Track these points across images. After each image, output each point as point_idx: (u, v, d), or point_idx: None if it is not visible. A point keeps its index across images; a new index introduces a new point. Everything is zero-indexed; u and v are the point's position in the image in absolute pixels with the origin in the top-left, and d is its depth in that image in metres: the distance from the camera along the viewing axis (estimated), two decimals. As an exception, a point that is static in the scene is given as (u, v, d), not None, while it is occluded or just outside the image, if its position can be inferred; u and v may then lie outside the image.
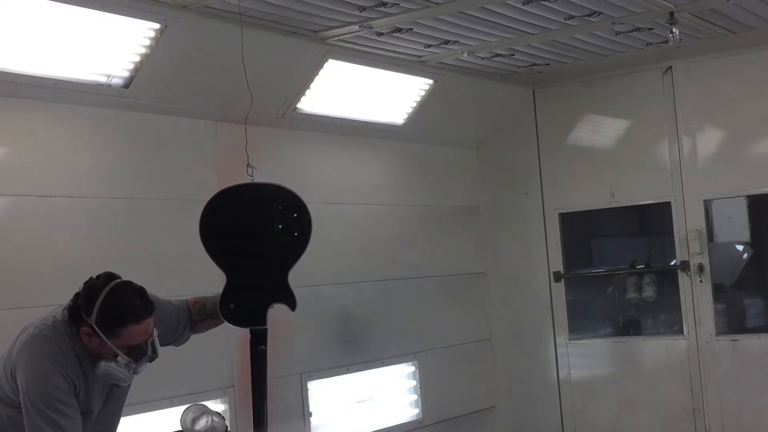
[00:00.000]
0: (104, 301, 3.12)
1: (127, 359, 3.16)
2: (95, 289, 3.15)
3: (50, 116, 4.57)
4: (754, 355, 6.40)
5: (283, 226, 3.57)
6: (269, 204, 3.61)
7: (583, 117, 7.08)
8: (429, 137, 6.79)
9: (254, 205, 3.62)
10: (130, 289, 3.19)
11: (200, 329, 3.68)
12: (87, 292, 3.16)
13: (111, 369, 3.15)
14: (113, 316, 3.12)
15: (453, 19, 5.08)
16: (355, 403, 6.15)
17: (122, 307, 3.13)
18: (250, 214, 3.60)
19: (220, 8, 4.58)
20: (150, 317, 3.19)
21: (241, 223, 3.58)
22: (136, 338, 3.16)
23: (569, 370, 7.06)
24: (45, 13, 4.15)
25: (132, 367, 3.19)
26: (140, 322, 3.15)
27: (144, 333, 3.18)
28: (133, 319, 3.13)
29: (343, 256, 6.07)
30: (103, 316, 3.11)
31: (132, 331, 3.14)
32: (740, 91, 6.43)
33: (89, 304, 3.12)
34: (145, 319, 3.17)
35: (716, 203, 6.60)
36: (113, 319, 3.12)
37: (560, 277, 7.08)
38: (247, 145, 4.14)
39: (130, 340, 3.15)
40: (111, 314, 3.11)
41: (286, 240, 3.56)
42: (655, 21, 5.41)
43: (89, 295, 3.14)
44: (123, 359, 3.15)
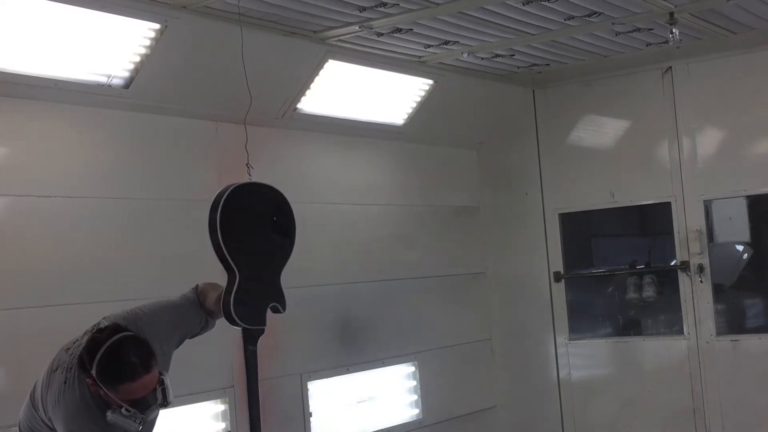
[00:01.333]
0: (102, 356, 3.15)
1: (131, 410, 3.19)
2: (97, 343, 3.19)
3: (50, 116, 4.57)
4: (754, 355, 6.40)
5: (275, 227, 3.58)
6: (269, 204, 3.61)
7: (583, 117, 7.09)
8: (429, 137, 6.79)
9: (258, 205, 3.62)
10: (129, 345, 3.21)
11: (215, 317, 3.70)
12: (89, 345, 3.21)
13: (117, 419, 3.19)
14: (110, 374, 3.16)
15: (453, 19, 5.09)
16: (355, 404, 6.14)
17: (118, 364, 3.16)
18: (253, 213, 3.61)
19: (220, 8, 4.58)
20: (149, 374, 3.20)
21: (247, 222, 3.59)
22: (135, 394, 3.19)
23: (569, 370, 7.06)
24: (45, 13, 4.15)
25: (138, 417, 3.21)
26: (136, 380, 3.17)
27: (143, 389, 3.20)
28: (129, 377, 3.16)
29: (343, 256, 6.07)
30: (100, 371, 3.15)
31: (129, 388, 3.17)
32: (740, 91, 6.43)
33: (90, 357, 3.17)
34: (141, 376, 3.18)
35: (716, 203, 6.60)
36: (110, 377, 3.16)
37: (560, 277, 7.09)
38: (247, 145, 4.15)
39: (129, 395, 3.18)
40: (107, 371, 3.16)
41: (279, 241, 3.56)
42: (655, 21, 5.41)
43: (91, 349, 3.19)
44: (127, 411, 3.18)
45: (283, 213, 3.60)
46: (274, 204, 3.61)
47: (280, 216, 3.61)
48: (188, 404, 4.99)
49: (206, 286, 3.66)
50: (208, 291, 3.64)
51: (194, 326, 3.60)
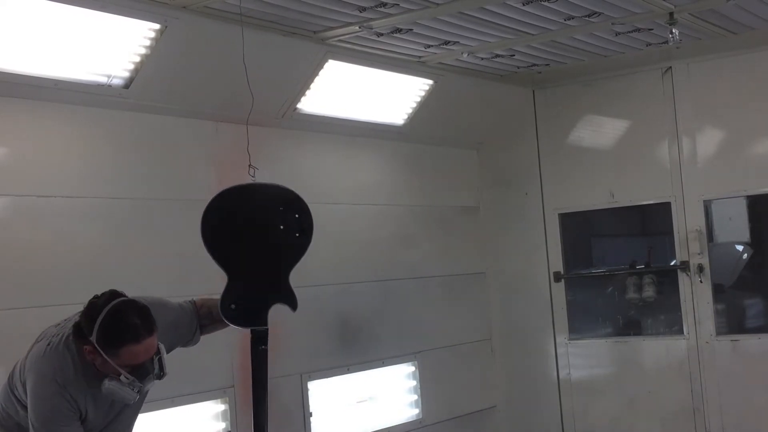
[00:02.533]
0: (104, 320, 3.09)
1: (130, 378, 3.13)
2: (96, 307, 3.13)
3: (50, 116, 4.57)
4: (754, 355, 6.40)
5: (284, 227, 3.57)
6: (270, 204, 3.61)
7: (583, 117, 7.09)
8: (429, 137, 6.79)
9: (255, 206, 3.62)
10: (131, 307, 3.16)
11: (207, 331, 3.67)
12: (88, 310, 3.15)
13: (114, 388, 3.13)
14: (112, 336, 3.09)
15: (453, 19, 5.09)
16: (355, 403, 6.15)
17: (121, 326, 3.10)
18: (251, 215, 3.60)
19: (220, 9, 4.58)
20: (151, 336, 3.15)
21: (242, 224, 3.58)
22: (137, 358, 3.13)
23: (569, 370, 7.06)
24: (45, 13, 4.15)
25: (136, 386, 3.15)
26: (139, 342, 3.11)
27: (144, 352, 3.14)
28: (132, 339, 3.10)
29: (343, 256, 6.07)
30: (102, 335, 3.08)
31: (131, 350, 3.11)
32: (740, 91, 6.43)
33: (90, 323, 3.11)
34: (144, 339, 3.12)
35: (716, 203, 6.60)
36: (112, 339, 3.09)
37: (560, 277, 7.09)
38: (248, 145, 4.15)
39: (131, 359, 3.12)
40: (110, 334, 3.09)
41: (287, 240, 3.56)
42: (654, 21, 5.41)
43: (90, 314, 3.13)
44: (126, 378, 3.12)
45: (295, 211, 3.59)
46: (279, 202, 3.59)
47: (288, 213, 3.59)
48: (188, 404, 4.99)
49: (204, 299, 3.65)
50: (205, 302, 3.63)
51: (187, 333, 3.55)
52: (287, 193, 3.60)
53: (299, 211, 3.57)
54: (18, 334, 4.28)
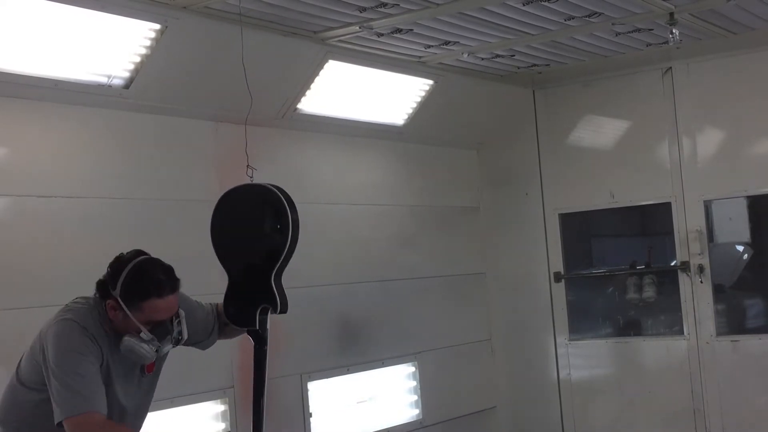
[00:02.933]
0: (128, 273, 3.13)
1: (150, 336, 3.13)
2: (122, 262, 3.18)
3: (50, 116, 4.57)
4: (754, 355, 6.40)
5: (266, 228, 3.54)
6: (251, 205, 3.59)
7: (583, 117, 7.09)
8: (429, 138, 6.79)
9: (239, 207, 3.61)
10: (156, 264, 3.20)
11: (230, 333, 3.66)
12: (114, 265, 3.19)
13: (133, 344, 3.12)
14: (136, 289, 3.12)
15: (453, 19, 5.09)
16: (355, 404, 6.15)
17: (145, 280, 3.13)
18: (236, 216, 3.60)
19: (220, 9, 4.58)
20: (174, 294, 3.18)
21: (229, 225, 3.59)
22: (159, 314, 3.15)
23: (569, 371, 7.06)
24: (45, 13, 4.15)
25: (155, 344, 3.15)
26: (162, 297, 3.14)
27: (167, 309, 3.17)
28: (156, 293, 3.12)
29: (343, 257, 6.07)
30: (126, 289, 3.11)
31: (154, 305, 3.13)
32: (740, 91, 6.43)
33: (115, 277, 3.14)
34: (167, 294, 3.15)
35: (716, 204, 6.60)
36: (135, 292, 3.11)
37: (560, 277, 7.09)
38: (248, 146, 4.14)
39: (153, 315, 3.13)
40: (134, 287, 3.12)
41: (267, 240, 3.53)
42: (655, 21, 5.41)
43: (115, 268, 3.17)
44: (146, 335, 3.12)
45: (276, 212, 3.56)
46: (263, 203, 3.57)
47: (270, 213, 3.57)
48: (188, 404, 4.99)
49: None
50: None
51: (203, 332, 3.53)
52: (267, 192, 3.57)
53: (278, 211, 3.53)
54: (18, 334, 4.28)
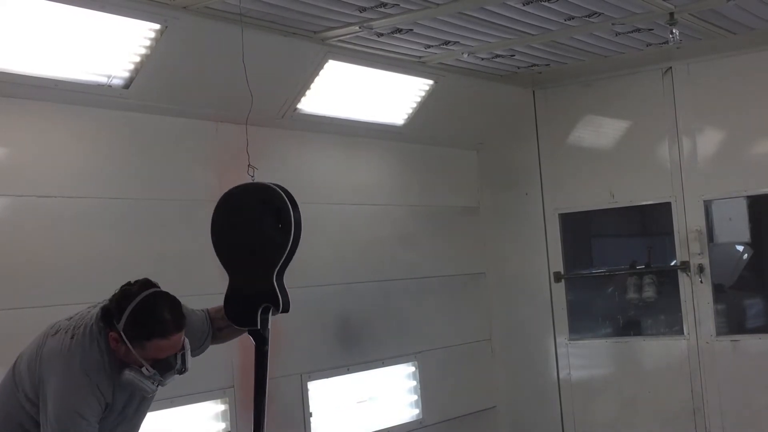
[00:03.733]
0: (134, 310, 3.07)
1: (152, 371, 3.10)
2: (128, 296, 3.10)
3: (50, 116, 4.57)
4: (754, 355, 6.40)
5: (267, 227, 3.53)
6: (250, 204, 3.58)
7: (583, 117, 7.09)
8: (429, 138, 6.79)
9: (237, 207, 3.60)
10: (163, 301, 3.13)
11: (225, 336, 3.62)
12: (120, 297, 3.12)
13: (135, 379, 3.09)
14: (140, 328, 3.06)
15: (453, 19, 5.09)
16: (355, 404, 6.15)
17: (151, 320, 3.07)
18: (242, 215, 3.59)
19: (220, 9, 4.58)
20: (179, 333, 3.13)
21: (228, 225, 3.58)
22: (163, 352, 3.10)
23: (569, 371, 7.06)
24: (45, 13, 4.15)
25: (157, 379, 3.12)
26: (167, 338, 3.09)
27: (171, 348, 3.12)
28: (160, 333, 3.08)
29: (343, 256, 6.07)
30: (131, 326, 3.06)
31: (158, 345, 3.08)
32: (740, 91, 6.43)
33: (120, 311, 3.07)
34: (173, 335, 3.10)
35: (716, 203, 6.60)
36: (140, 331, 3.06)
37: (560, 277, 7.09)
38: (247, 145, 4.14)
39: (156, 353, 3.09)
40: (138, 325, 3.06)
41: (272, 241, 3.52)
42: (655, 22, 5.41)
43: (121, 302, 3.10)
44: (148, 371, 3.09)
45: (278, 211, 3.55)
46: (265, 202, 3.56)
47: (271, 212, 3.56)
48: (188, 404, 4.99)
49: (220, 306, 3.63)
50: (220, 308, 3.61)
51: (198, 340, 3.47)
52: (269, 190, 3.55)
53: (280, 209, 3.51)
54: (18, 334, 4.28)
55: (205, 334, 3.51)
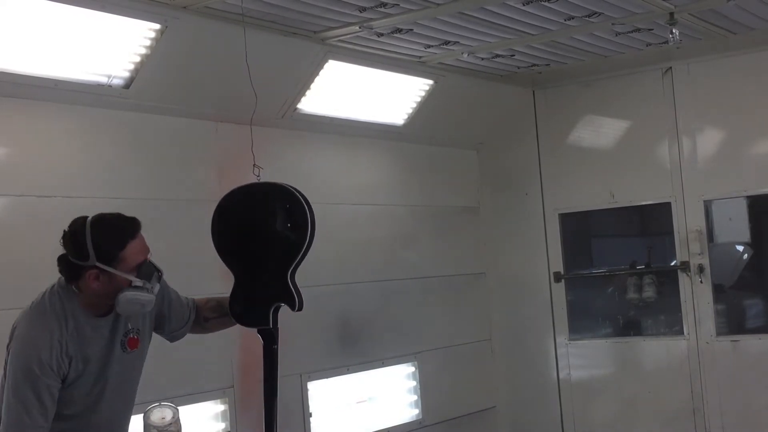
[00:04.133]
0: (93, 236, 3.08)
1: (141, 281, 3.13)
2: (77, 232, 3.11)
3: (50, 116, 4.57)
4: (754, 355, 6.40)
5: (280, 226, 3.55)
6: (270, 203, 3.60)
7: (583, 117, 7.09)
8: (429, 138, 6.79)
9: (251, 205, 3.61)
10: (107, 214, 3.17)
11: (212, 327, 3.67)
12: (71, 239, 3.12)
13: (131, 295, 3.10)
14: (110, 243, 3.09)
15: (453, 19, 5.09)
16: (355, 404, 6.15)
17: (113, 230, 3.12)
18: (253, 214, 3.59)
19: (220, 9, 4.58)
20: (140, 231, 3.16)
21: (240, 224, 3.58)
22: (141, 254, 3.15)
23: (569, 371, 7.06)
24: (45, 13, 4.15)
25: (148, 286, 3.15)
26: (136, 237, 3.14)
27: (143, 247, 3.17)
28: (129, 235, 3.12)
29: (343, 256, 6.07)
30: (100, 249, 3.08)
31: (133, 247, 3.12)
32: (740, 91, 6.43)
33: (81, 248, 3.08)
34: (138, 231, 3.15)
35: (716, 204, 6.60)
36: (112, 246, 3.09)
37: (560, 277, 7.08)
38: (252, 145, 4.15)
39: (136, 257, 3.13)
40: (107, 242, 3.09)
41: (285, 239, 3.54)
42: (655, 22, 5.41)
43: (75, 241, 3.10)
44: (138, 282, 3.12)
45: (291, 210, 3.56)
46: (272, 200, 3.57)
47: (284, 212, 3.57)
48: (188, 404, 4.99)
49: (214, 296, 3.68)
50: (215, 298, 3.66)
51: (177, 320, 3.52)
52: (284, 191, 3.58)
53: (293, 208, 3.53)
54: (18, 334, 4.29)
55: (187, 317, 3.54)
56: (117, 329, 3.24)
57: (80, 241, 3.09)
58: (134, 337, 3.28)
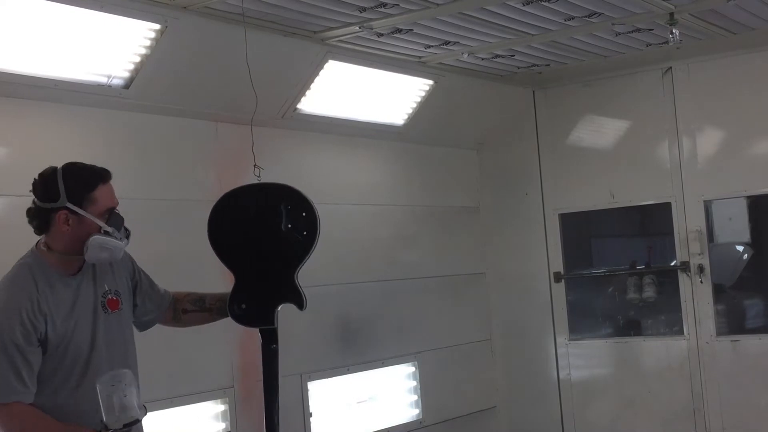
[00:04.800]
0: (64, 178, 3.13)
1: (110, 227, 3.16)
2: (48, 176, 3.16)
3: (50, 116, 4.57)
4: (754, 355, 6.40)
5: (290, 226, 3.56)
6: (276, 204, 3.60)
7: (583, 117, 7.09)
8: (429, 138, 6.79)
9: (261, 206, 3.62)
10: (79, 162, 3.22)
11: (188, 321, 3.67)
12: (43, 184, 3.16)
13: (100, 239, 3.13)
14: (81, 185, 3.14)
15: (453, 19, 5.09)
16: (355, 404, 6.15)
17: (84, 172, 3.18)
18: (258, 215, 3.60)
19: (220, 9, 4.58)
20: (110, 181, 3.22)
21: (248, 224, 3.59)
22: (110, 198, 3.20)
23: (569, 371, 7.06)
24: (45, 13, 4.15)
25: (117, 237, 3.18)
26: (106, 181, 3.20)
27: (113, 195, 3.22)
28: (100, 178, 3.18)
29: (343, 256, 6.06)
30: (71, 191, 3.12)
31: (103, 191, 3.18)
32: (740, 91, 6.43)
33: (52, 191, 3.12)
34: (107, 177, 3.21)
35: (716, 204, 6.60)
36: (82, 187, 3.14)
37: (560, 277, 7.08)
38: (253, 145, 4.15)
39: (106, 201, 3.18)
40: (78, 184, 3.14)
41: (292, 240, 3.55)
42: (655, 21, 5.41)
43: (47, 184, 3.15)
44: (107, 227, 3.15)
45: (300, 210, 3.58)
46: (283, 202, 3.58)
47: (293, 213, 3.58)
48: (188, 404, 4.99)
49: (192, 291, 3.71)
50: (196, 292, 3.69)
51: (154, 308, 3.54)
52: (291, 192, 3.60)
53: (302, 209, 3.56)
54: (18, 334, 4.28)
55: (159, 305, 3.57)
56: (94, 291, 3.24)
57: (51, 183, 3.13)
58: (113, 298, 3.29)
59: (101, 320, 3.24)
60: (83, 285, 3.23)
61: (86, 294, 3.23)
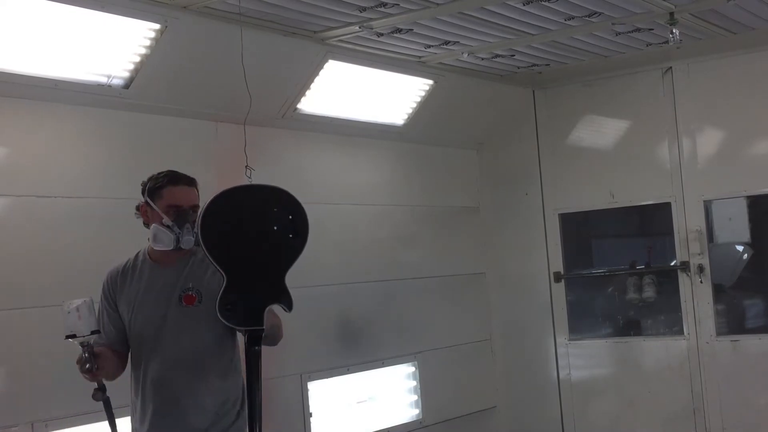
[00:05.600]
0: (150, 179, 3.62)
1: (170, 221, 3.51)
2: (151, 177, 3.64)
3: (50, 116, 4.57)
4: (754, 355, 6.40)
5: (279, 228, 3.56)
6: (265, 206, 3.60)
7: (583, 117, 7.09)
8: (429, 138, 6.79)
9: (251, 207, 3.61)
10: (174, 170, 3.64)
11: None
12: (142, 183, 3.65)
13: (155, 229, 3.52)
14: (155, 182, 3.59)
15: (453, 19, 5.09)
16: (355, 404, 6.15)
17: (163, 174, 3.61)
18: (247, 216, 3.60)
19: (220, 9, 4.58)
20: (190, 187, 3.61)
21: (238, 225, 3.58)
22: (175, 198, 3.55)
23: (569, 371, 7.06)
24: (45, 13, 4.15)
25: (175, 230, 3.51)
26: (177, 185, 3.57)
27: (183, 196, 3.57)
28: (170, 181, 3.57)
29: (343, 257, 6.07)
30: (149, 187, 3.59)
31: (170, 191, 3.55)
32: (740, 91, 6.43)
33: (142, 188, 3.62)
34: (182, 183, 3.59)
35: (716, 204, 6.60)
36: (155, 184, 3.58)
37: (560, 277, 7.09)
38: (247, 145, 4.15)
39: (170, 199, 3.54)
40: (154, 182, 3.59)
41: (282, 242, 3.55)
42: (655, 21, 5.41)
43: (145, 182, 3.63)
44: (167, 221, 3.51)
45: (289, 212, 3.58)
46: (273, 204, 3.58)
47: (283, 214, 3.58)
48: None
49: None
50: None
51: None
52: (281, 194, 3.59)
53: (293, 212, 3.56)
54: (18, 334, 4.29)
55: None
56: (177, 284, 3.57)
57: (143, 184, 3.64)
58: (192, 294, 3.57)
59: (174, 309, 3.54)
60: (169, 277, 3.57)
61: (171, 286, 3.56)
